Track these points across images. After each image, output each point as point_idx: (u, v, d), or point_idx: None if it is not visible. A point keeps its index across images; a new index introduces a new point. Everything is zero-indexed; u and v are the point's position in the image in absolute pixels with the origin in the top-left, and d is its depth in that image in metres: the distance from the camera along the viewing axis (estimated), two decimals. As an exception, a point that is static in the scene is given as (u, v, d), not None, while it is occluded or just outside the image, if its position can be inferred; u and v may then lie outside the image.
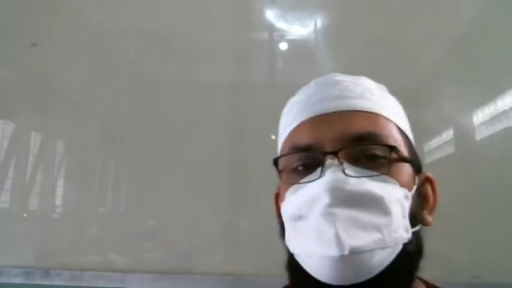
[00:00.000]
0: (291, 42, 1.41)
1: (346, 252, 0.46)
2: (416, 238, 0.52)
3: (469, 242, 1.11)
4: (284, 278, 0.60)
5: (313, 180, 0.51)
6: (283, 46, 1.42)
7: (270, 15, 1.40)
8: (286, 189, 0.56)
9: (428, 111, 1.23)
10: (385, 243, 0.48)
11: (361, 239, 0.47)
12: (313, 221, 0.49)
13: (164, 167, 1.32)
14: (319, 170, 0.52)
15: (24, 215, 1.43)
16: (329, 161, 0.51)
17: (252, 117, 1.33)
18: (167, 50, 1.38)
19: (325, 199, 0.48)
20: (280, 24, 1.39)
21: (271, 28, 1.40)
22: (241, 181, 1.31)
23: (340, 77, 0.61)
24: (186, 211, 1.28)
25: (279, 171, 0.58)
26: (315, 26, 1.39)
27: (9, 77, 1.47)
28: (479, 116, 1.28)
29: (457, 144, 1.26)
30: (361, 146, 0.53)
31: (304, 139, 0.55)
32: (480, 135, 1.28)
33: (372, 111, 0.56)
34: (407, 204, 0.52)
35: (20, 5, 1.43)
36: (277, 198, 0.62)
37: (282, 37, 1.40)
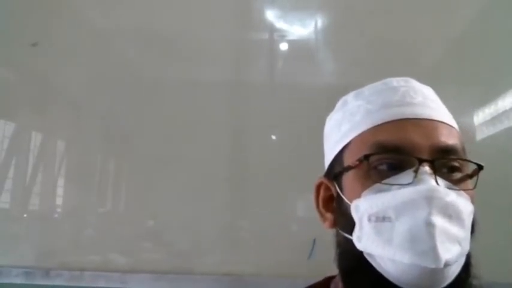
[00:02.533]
0: (291, 42, 1.41)
1: (441, 266, 0.46)
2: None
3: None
4: (285, 278, 0.60)
5: (406, 185, 0.51)
6: (283, 46, 1.42)
7: (270, 15, 1.40)
8: (364, 187, 0.54)
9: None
10: (462, 256, 0.51)
11: (451, 252, 0.48)
12: (408, 228, 0.48)
13: (164, 167, 1.32)
14: (409, 174, 0.51)
15: (25, 215, 1.43)
16: (422, 168, 0.51)
17: (252, 117, 1.33)
18: (167, 50, 1.38)
19: (426, 207, 0.48)
20: (280, 24, 1.39)
21: (271, 28, 1.39)
22: (241, 181, 1.31)
23: (415, 83, 0.62)
24: (186, 211, 1.28)
25: (344, 166, 0.58)
26: (315, 26, 1.39)
27: (9, 77, 1.47)
28: (480, 116, 1.28)
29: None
30: (453, 158, 0.54)
31: (394, 139, 0.54)
32: (480, 135, 1.28)
33: (449, 123, 0.58)
34: (471, 219, 0.54)
35: (20, 5, 1.43)
36: (319, 188, 0.64)
37: (282, 37, 1.40)
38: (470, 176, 0.56)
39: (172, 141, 1.33)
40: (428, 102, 0.59)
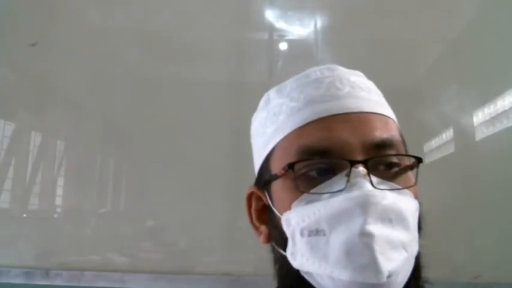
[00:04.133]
0: (290, 42, 1.41)
1: (384, 280, 0.41)
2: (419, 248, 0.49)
3: (469, 242, 1.11)
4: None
5: (338, 192, 0.45)
6: (283, 46, 1.42)
7: (270, 15, 1.40)
8: (293, 197, 0.47)
9: (428, 111, 1.23)
10: (408, 261, 0.45)
11: (395, 261, 0.43)
12: (343, 241, 0.43)
13: (164, 167, 1.32)
14: (341, 179, 0.45)
15: (24, 215, 1.43)
16: (355, 170, 0.45)
17: (252, 117, 1.33)
18: (167, 50, 1.38)
19: (360, 216, 0.42)
20: (280, 24, 1.39)
21: (271, 28, 1.39)
22: (241, 181, 1.30)
23: (343, 70, 0.55)
24: (185, 211, 1.28)
25: (272, 174, 0.51)
26: (315, 26, 1.39)
27: (9, 77, 1.47)
28: (479, 116, 1.28)
29: (457, 144, 1.26)
30: (389, 154, 0.48)
31: (321, 142, 0.47)
32: (480, 135, 1.28)
33: (383, 113, 0.51)
34: (416, 216, 0.48)
35: (20, 5, 1.43)
36: (250, 199, 0.57)
37: (282, 37, 1.40)
38: (411, 167, 0.50)
39: (172, 141, 1.33)
40: (357, 92, 0.51)
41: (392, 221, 0.44)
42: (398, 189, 0.47)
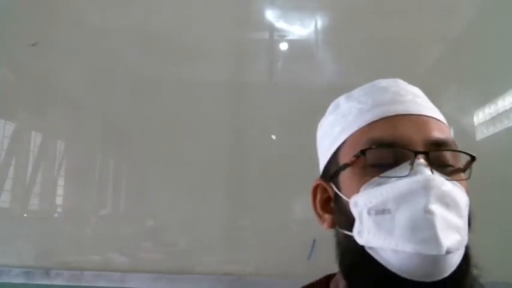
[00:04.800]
0: (291, 42, 1.41)
1: (443, 253, 0.47)
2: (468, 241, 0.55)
3: (469, 242, 1.11)
4: (285, 278, 0.60)
5: (403, 177, 0.52)
6: (283, 46, 1.42)
7: (270, 15, 1.40)
8: (362, 182, 0.55)
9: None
10: (462, 245, 0.51)
11: (452, 240, 0.49)
12: (407, 217, 0.49)
13: (164, 167, 1.32)
14: (405, 167, 0.52)
15: (25, 215, 1.43)
16: (419, 160, 0.52)
17: (252, 117, 1.33)
18: (167, 50, 1.38)
19: (424, 196, 0.49)
20: (280, 24, 1.39)
21: (271, 28, 1.39)
22: (241, 181, 1.31)
23: (404, 83, 0.64)
24: (185, 211, 1.28)
25: (340, 165, 0.58)
26: (315, 26, 1.39)
27: (9, 77, 1.47)
28: (479, 116, 1.28)
29: (457, 144, 1.25)
30: (445, 149, 0.56)
31: (388, 135, 0.55)
32: (480, 135, 1.28)
33: (439, 119, 0.60)
34: (467, 210, 0.55)
35: (20, 5, 1.43)
36: (316, 191, 0.64)
37: (282, 37, 1.40)
38: (463, 170, 0.58)
39: (172, 141, 1.33)
40: (418, 100, 0.60)
41: (449, 205, 0.50)
42: (454, 180, 0.54)
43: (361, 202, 0.54)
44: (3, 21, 1.43)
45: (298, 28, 1.40)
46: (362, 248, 0.54)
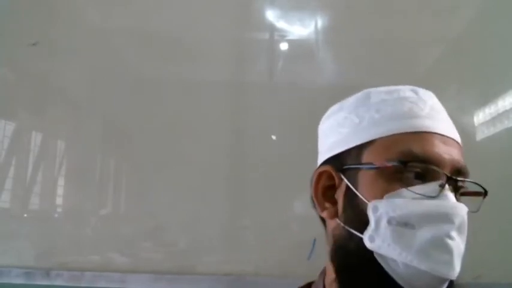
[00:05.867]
0: (291, 42, 1.41)
1: (454, 277, 0.51)
2: None
3: (470, 242, 1.11)
4: (285, 278, 0.60)
5: (432, 197, 0.53)
6: (283, 46, 1.42)
7: (270, 15, 1.40)
8: (388, 188, 0.55)
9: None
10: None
11: (459, 266, 0.52)
12: (430, 237, 0.51)
13: (164, 167, 1.32)
14: (435, 188, 0.54)
15: (25, 215, 1.43)
16: (447, 184, 0.54)
17: (252, 117, 1.33)
18: (167, 50, 1.38)
19: (450, 223, 0.52)
20: (280, 24, 1.39)
21: (271, 28, 1.39)
22: (241, 181, 1.31)
23: (435, 98, 0.63)
24: (186, 211, 1.28)
25: (363, 163, 0.58)
26: (316, 26, 1.39)
27: (9, 77, 1.47)
28: (480, 116, 1.28)
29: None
30: (469, 181, 0.58)
31: (426, 151, 0.55)
32: (480, 135, 1.28)
33: (460, 142, 0.61)
34: None
35: (20, 5, 1.43)
36: (321, 176, 0.63)
37: (283, 37, 1.40)
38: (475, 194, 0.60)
39: (172, 141, 1.33)
40: (450, 121, 0.61)
41: (462, 233, 0.54)
42: (471, 212, 0.56)
43: (382, 209, 0.54)
44: (3, 21, 1.43)
45: (299, 28, 1.40)
46: (369, 252, 0.54)
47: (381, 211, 0.54)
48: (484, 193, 0.59)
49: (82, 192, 1.38)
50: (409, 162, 0.55)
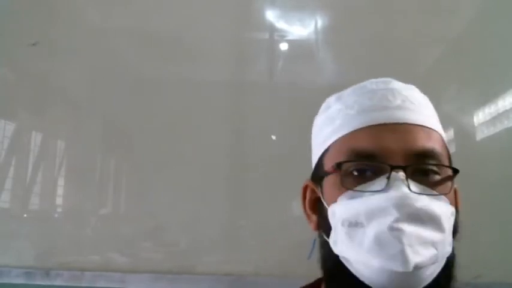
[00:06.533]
0: (291, 42, 1.41)
1: (410, 269, 0.47)
2: (453, 250, 0.55)
3: (470, 242, 1.11)
4: (285, 278, 0.60)
5: (378, 192, 0.52)
6: (283, 46, 1.42)
7: (270, 15, 1.40)
8: (340, 192, 0.55)
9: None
10: (437, 259, 0.51)
11: (422, 256, 0.49)
12: (376, 233, 0.50)
13: (164, 167, 1.32)
14: (382, 181, 0.52)
15: (25, 215, 1.43)
16: (395, 174, 0.52)
17: (252, 117, 1.33)
18: (167, 50, 1.38)
19: (394, 214, 0.49)
20: (280, 24, 1.39)
21: (271, 28, 1.39)
22: (241, 181, 1.31)
23: (396, 84, 0.61)
24: (186, 211, 1.28)
25: (326, 171, 0.58)
26: (315, 26, 1.39)
27: (9, 77, 1.47)
28: (480, 116, 1.28)
29: (458, 144, 1.26)
30: (426, 163, 0.54)
31: (368, 146, 0.55)
32: (480, 135, 1.28)
33: (428, 126, 0.57)
34: (452, 220, 0.54)
35: (20, 5, 1.43)
36: (306, 190, 0.65)
37: (282, 37, 1.40)
38: (450, 178, 0.56)
39: (172, 141, 1.33)
40: (407, 105, 0.58)
41: (424, 221, 0.50)
42: (434, 194, 0.53)
43: (338, 212, 0.54)
44: (3, 21, 1.43)
45: (298, 28, 1.40)
46: (337, 257, 0.55)
47: (337, 215, 0.54)
48: (454, 172, 0.56)
49: (82, 192, 1.38)
50: (346, 162, 0.55)
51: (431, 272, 0.51)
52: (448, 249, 0.53)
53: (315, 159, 0.64)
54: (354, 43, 1.35)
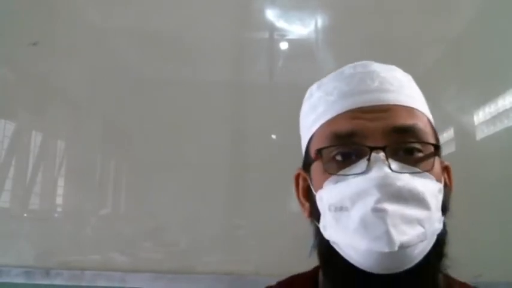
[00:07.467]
0: (291, 42, 1.41)
1: (396, 249, 0.47)
2: (444, 227, 0.55)
3: (470, 241, 1.11)
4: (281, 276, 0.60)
5: (359, 174, 0.52)
6: (283, 46, 1.42)
7: (270, 14, 1.40)
8: (325, 178, 0.55)
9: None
10: (426, 237, 0.50)
11: (408, 234, 0.49)
12: (360, 215, 0.50)
13: (164, 167, 1.32)
14: (363, 163, 0.52)
15: (25, 215, 1.43)
16: (375, 155, 0.52)
17: (252, 117, 1.33)
18: (167, 50, 1.38)
19: (376, 195, 0.49)
20: (280, 23, 1.39)
21: (271, 28, 1.39)
22: (241, 181, 1.31)
23: (376, 66, 0.61)
24: (185, 211, 1.28)
25: (312, 158, 0.59)
26: (316, 25, 1.39)
27: (9, 77, 1.47)
28: (480, 116, 1.28)
29: (458, 144, 1.26)
30: (406, 141, 0.54)
31: (346, 128, 0.55)
32: (481, 134, 1.28)
33: (410, 105, 0.57)
34: (440, 197, 0.54)
35: (20, 5, 1.43)
36: (298, 179, 0.65)
37: (282, 37, 1.40)
38: (434, 154, 0.55)
39: (172, 141, 1.33)
40: (386, 86, 0.58)
41: (408, 199, 0.50)
42: (417, 172, 0.52)
43: (325, 198, 0.55)
44: (3, 21, 1.42)
45: (299, 28, 1.40)
46: (328, 241, 0.56)
47: (324, 200, 0.55)
48: (434, 148, 0.55)
49: (82, 192, 1.38)
50: (327, 147, 0.55)
51: (421, 250, 0.51)
52: (438, 226, 0.53)
53: (303, 148, 0.65)
54: (354, 43, 1.35)
